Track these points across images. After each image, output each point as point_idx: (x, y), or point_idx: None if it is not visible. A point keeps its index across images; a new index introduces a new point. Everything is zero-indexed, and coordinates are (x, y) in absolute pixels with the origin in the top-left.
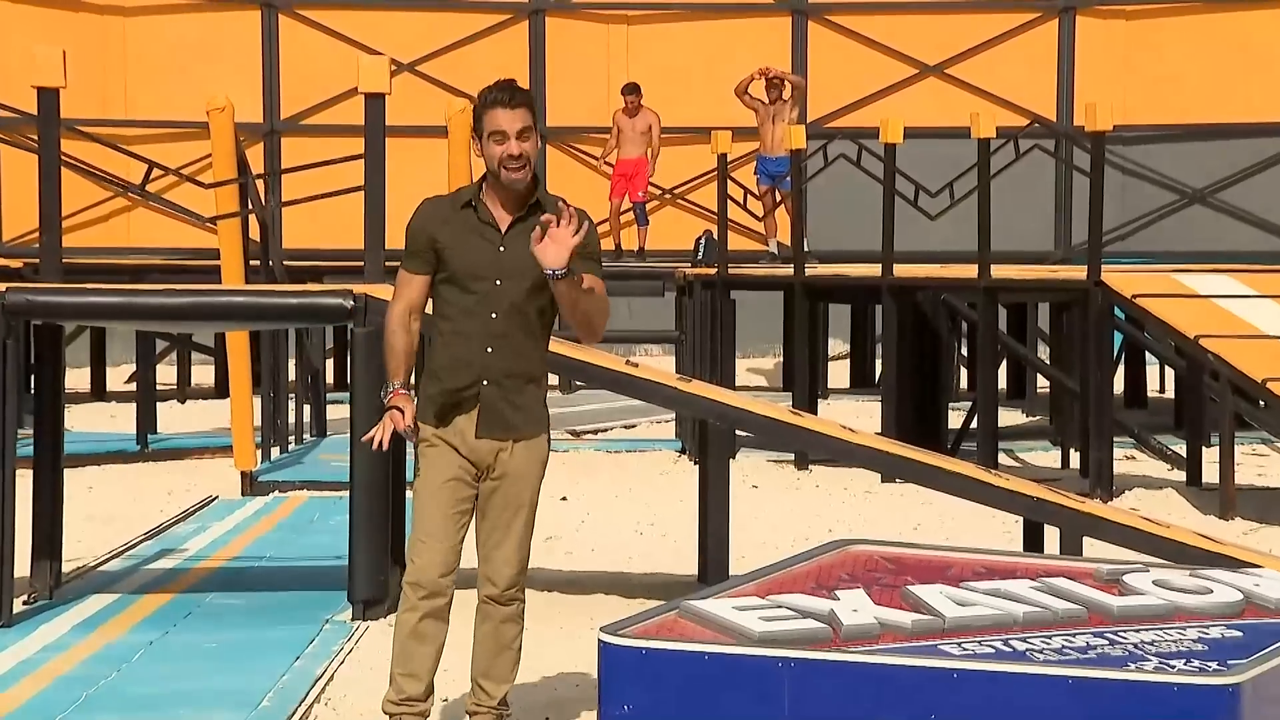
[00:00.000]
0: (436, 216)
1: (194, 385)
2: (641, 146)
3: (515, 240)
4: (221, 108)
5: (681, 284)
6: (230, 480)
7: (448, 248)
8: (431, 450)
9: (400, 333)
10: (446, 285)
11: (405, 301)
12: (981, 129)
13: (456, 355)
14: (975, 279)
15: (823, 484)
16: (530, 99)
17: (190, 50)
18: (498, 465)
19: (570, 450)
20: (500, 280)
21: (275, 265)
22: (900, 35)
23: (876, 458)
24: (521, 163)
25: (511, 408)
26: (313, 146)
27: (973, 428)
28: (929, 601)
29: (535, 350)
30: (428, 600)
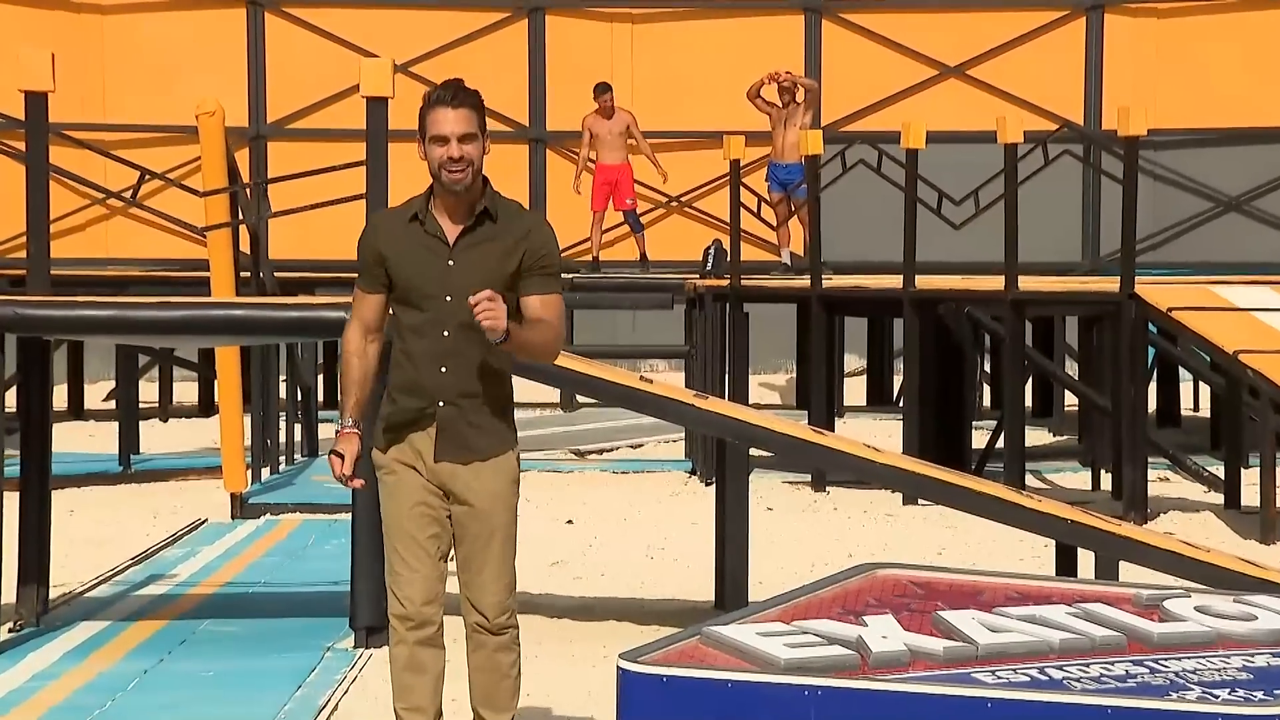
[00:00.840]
0: (384, 231)
1: (176, 403)
2: (622, 150)
3: (464, 253)
4: (212, 112)
5: (691, 296)
6: (219, 502)
7: (395, 264)
8: (391, 478)
9: (354, 360)
10: (398, 304)
11: (360, 322)
12: (1008, 133)
13: (409, 376)
14: (1002, 291)
15: (841, 506)
16: (477, 100)
17: (172, 51)
18: (463, 490)
19: (575, 471)
20: (450, 296)
21: (266, 277)
22: (919, 34)
23: (903, 478)
24: (462, 165)
25: (471, 429)
26: (301, 152)
27: (998, 448)
28: (961, 628)
29: (494, 368)
30: (416, 631)
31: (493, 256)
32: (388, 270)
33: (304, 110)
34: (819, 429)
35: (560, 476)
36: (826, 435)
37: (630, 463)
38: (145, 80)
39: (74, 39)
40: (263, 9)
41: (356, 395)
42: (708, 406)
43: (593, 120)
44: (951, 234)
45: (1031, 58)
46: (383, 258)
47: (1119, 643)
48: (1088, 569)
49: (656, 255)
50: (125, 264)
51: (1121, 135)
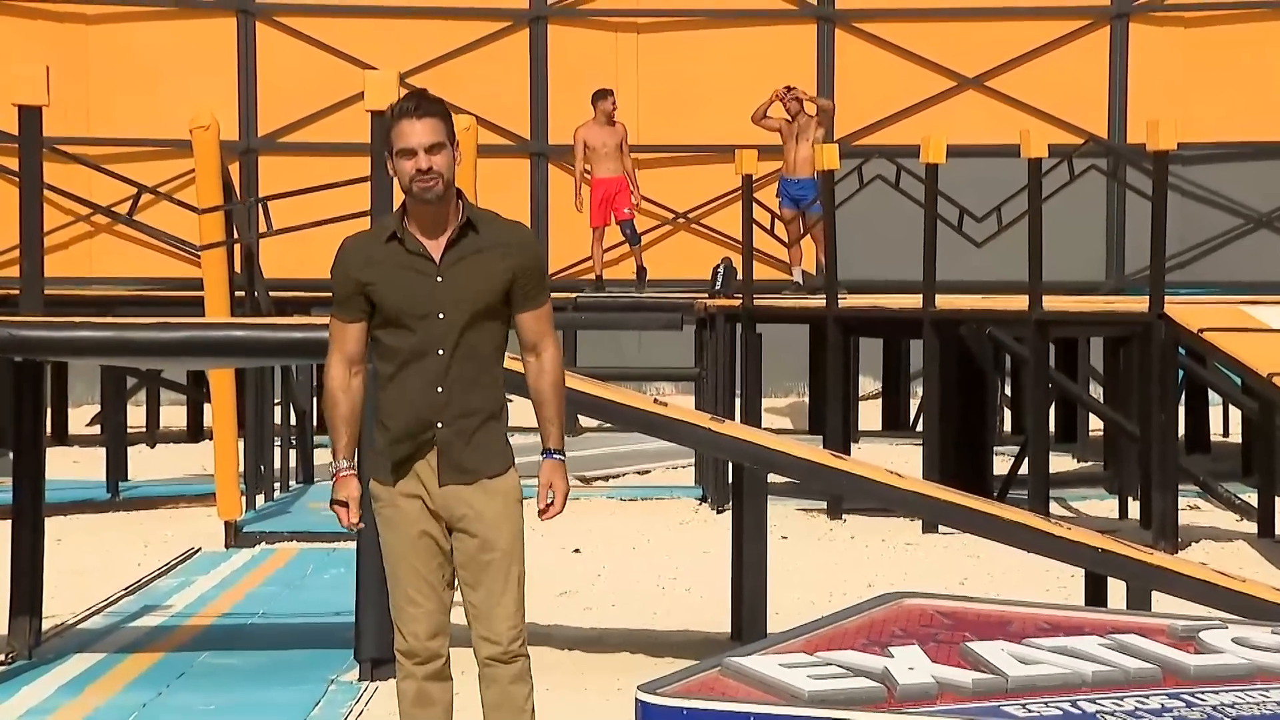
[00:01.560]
0: (360, 256)
1: (164, 428)
2: (618, 162)
3: (452, 268)
4: (206, 125)
5: (702, 316)
6: (212, 531)
7: (378, 288)
8: (390, 510)
9: (340, 397)
10: (384, 329)
11: (342, 355)
12: (1033, 148)
13: (405, 401)
14: (1026, 311)
15: (858, 535)
16: (442, 110)
17: (159, 61)
18: (467, 514)
19: (581, 498)
20: (442, 313)
21: (261, 297)
22: (936, 44)
23: (928, 504)
24: (432, 176)
25: (472, 449)
26: (294, 167)
27: (1021, 474)
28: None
29: (490, 384)
30: (424, 666)
31: (480, 268)
32: (370, 296)
33: (297, 123)
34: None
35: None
36: (848, 460)
37: (638, 489)
38: (132, 92)
39: (58, 49)
40: (254, 18)
41: (348, 434)
42: (725, 430)
43: (587, 131)
44: (972, 252)
45: (1053, 68)
46: (363, 284)
47: (1154, 675)
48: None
49: (663, 274)
50: (110, 283)
51: (1151, 149)
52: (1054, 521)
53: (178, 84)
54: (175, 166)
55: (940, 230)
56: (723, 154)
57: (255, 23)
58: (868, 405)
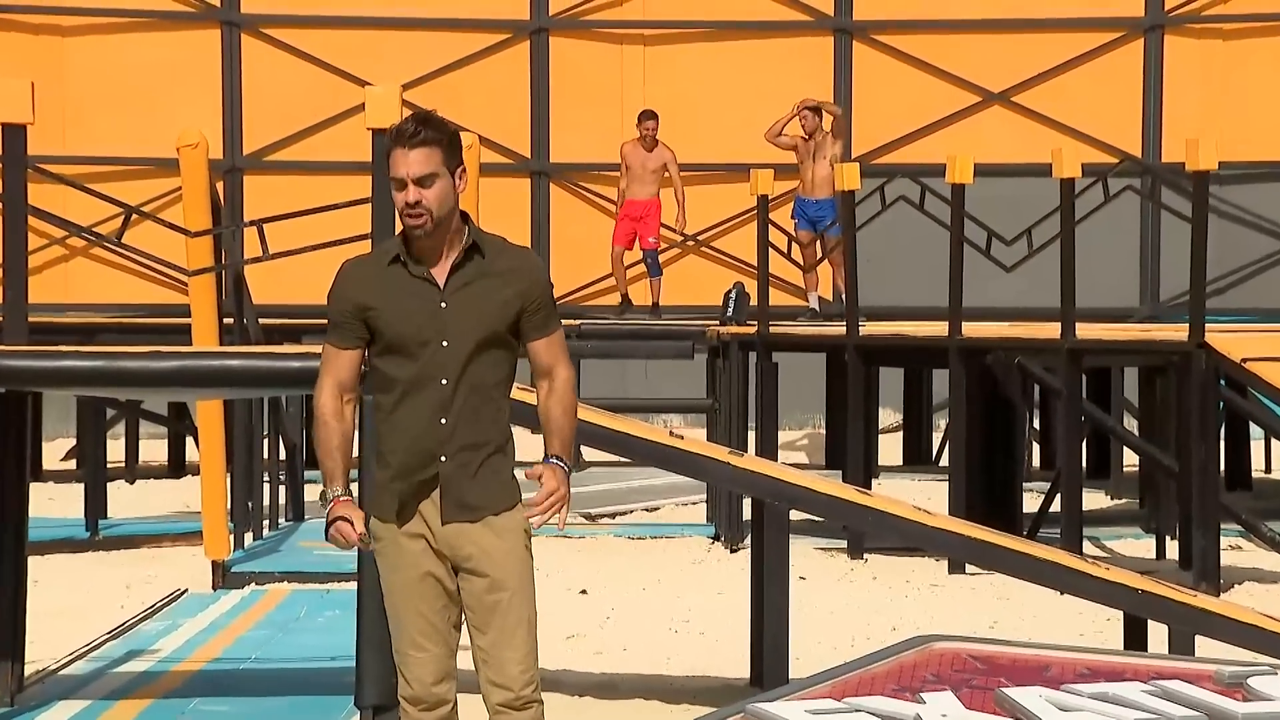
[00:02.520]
0: (361, 280)
1: (143, 462)
2: (654, 186)
3: (457, 293)
4: (194, 144)
5: (714, 344)
6: (198, 571)
7: (380, 313)
8: (391, 550)
9: (333, 424)
10: (385, 357)
11: (334, 382)
12: (1065, 167)
13: (406, 433)
14: (1057, 339)
15: (881, 575)
16: (443, 136)
17: (139, 76)
18: (474, 553)
19: (587, 536)
20: (446, 341)
21: (251, 324)
22: (960, 58)
23: (959, 543)
24: (419, 212)
25: (477, 484)
26: (281, 186)
27: (1052, 511)
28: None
29: (496, 415)
30: (429, 712)
31: (487, 294)
32: (369, 322)
33: (284, 140)
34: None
35: (571, 542)
36: (873, 496)
37: (647, 527)
38: (110, 108)
39: (31, 62)
40: (238, 30)
41: (343, 462)
42: (744, 464)
43: (630, 149)
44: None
45: (1084, 83)
46: (363, 309)
47: None
48: (1158, 643)
49: (673, 300)
50: (89, 310)
51: (1190, 169)
52: (1091, 561)
53: (158, 99)
54: (157, 186)
55: (967, 254)
56: (735, 173)
57: (240, 34)
58: (887, 438)
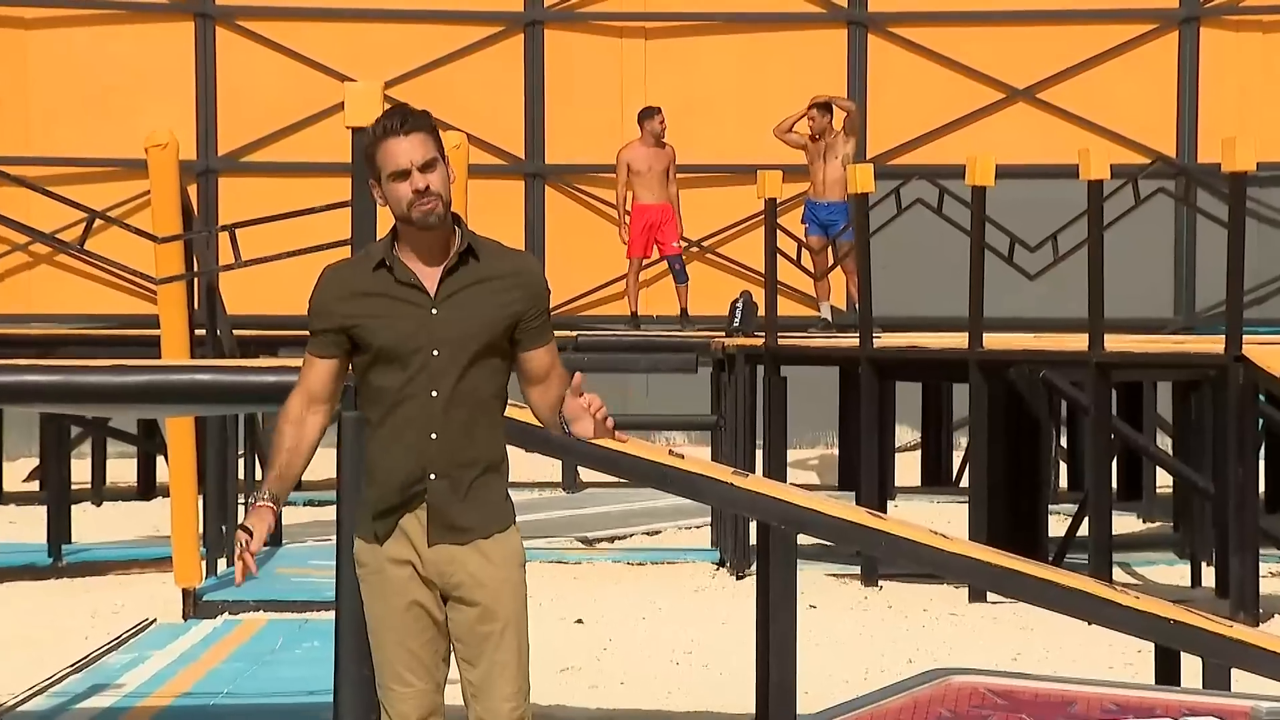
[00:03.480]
0: (344, 286)
1: (111, 483)
2: (664, 188)
3: (449, 299)
4: (164, 144)
5: (719, 357)
6: (168, 599)
7: (364, 323)
8: (375, 577)
9: (287, 428)
10: (372, 369)
11: (304, 390)
12: (1093, 168)
13: (394, 448)
14: (1085, 352)
15: (896, 604)
16: (430, 123)
17: (107, 71)
18: (464, 580)
19: (583, 562)
20: (437, 350)
21: (224, 335)
22: (982, 52)
23: (977, 569)
24: (431, 197)
25: (467, 505)
26: (259, 189)
27: (1080, 535)
28: None
29: (490, 431)
30: None
31: (482, 300)
32: (353, 333)
33: (262, 140)
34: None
35: (566, 568)
36: (886, 520)
37: (647, 552)
38: (76, 106)
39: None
40: (213, 22)
41: (281, 466)
42: (748, 486)
43: (631, 151)
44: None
45: (1115, 79)
46: (345, 317)
47: None
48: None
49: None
50: (52, 321)
51: (1226, 170)
52: (1119, 589)
53: (128, 97)
54: (126, 189)
55: (988, 260)
56: (742, 175)
57: (215, 27)
58: (905, 457)
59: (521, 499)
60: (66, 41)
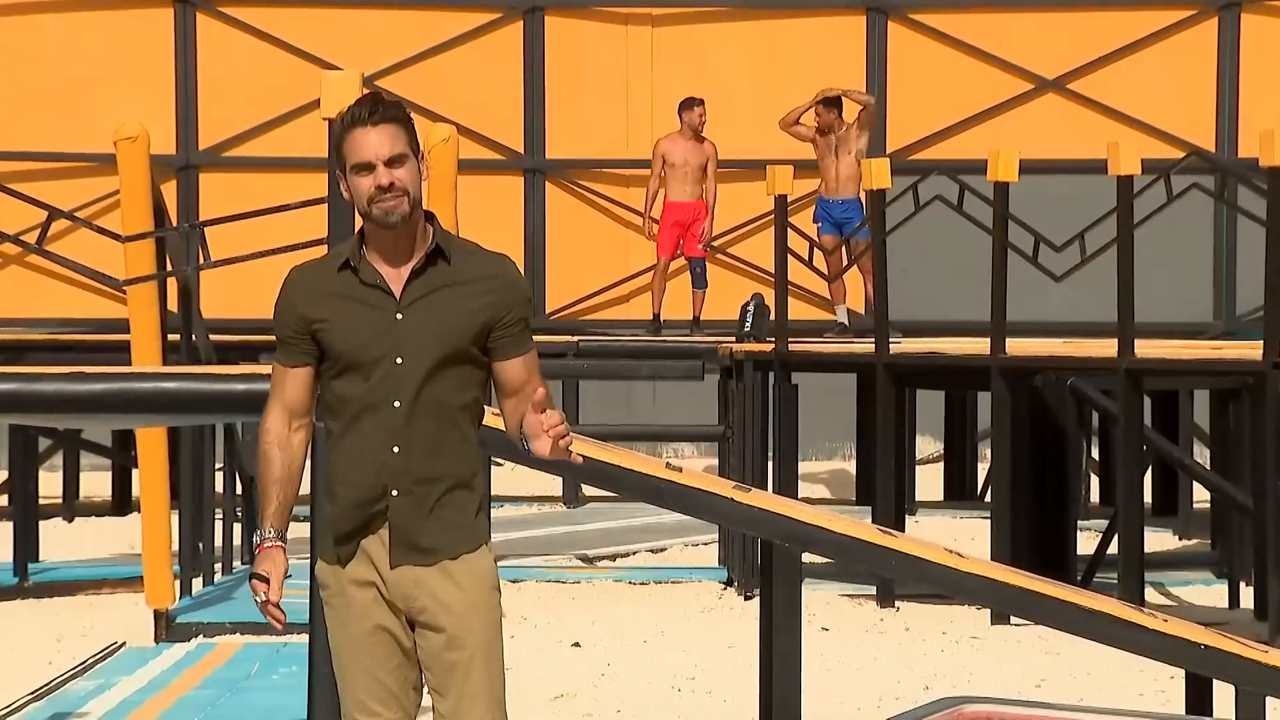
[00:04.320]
0: (307, 288)
1: (85, 498)
2: (699, 185)
3: (415, 303)
4: (133, 137)
5: (727, 364)
6: (140, 622)
7: (327, 326)
8: (338, 600)
9: (275, 453)
10: (336, 377)
11: (281, 406)
12: (1123, 163)
13: (355, 462)
14: (1114, 358)
15: (914, 626)
16: (402, 114)
17: (79, 61)
18: (429, 605)
19: (582, 581)
20: (401, 357)
21: (199, 340)
22: (1009, 40)
23: (994, 590)
24: (396, 193)
25: (432, 523)
26: (241, 185)
27: (1110, 553)
28: None
29: (459, 444)
30: None
31: (450, 305)
32: (317, 336)
33: (245, 134)
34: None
35: (564, 588)
36: (897, 537)
37: (651, 571)
38: (44, 98)
39: None
40: (193, 8)
41: (279, 498)
42: (749, 500)
43: (670, 144)
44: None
45: (1150, 68)
46: (310, 320)
47: None
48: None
49: (682, 313)
50: (21, 325)
51: (1265, 165)
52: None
53: (101, 88)
54: (99, 186)
55: (1012, 261)
56: (755, 170)
57: (195, 13)
58: (928, 470)
59: (520, 514)
60: (34, 28)
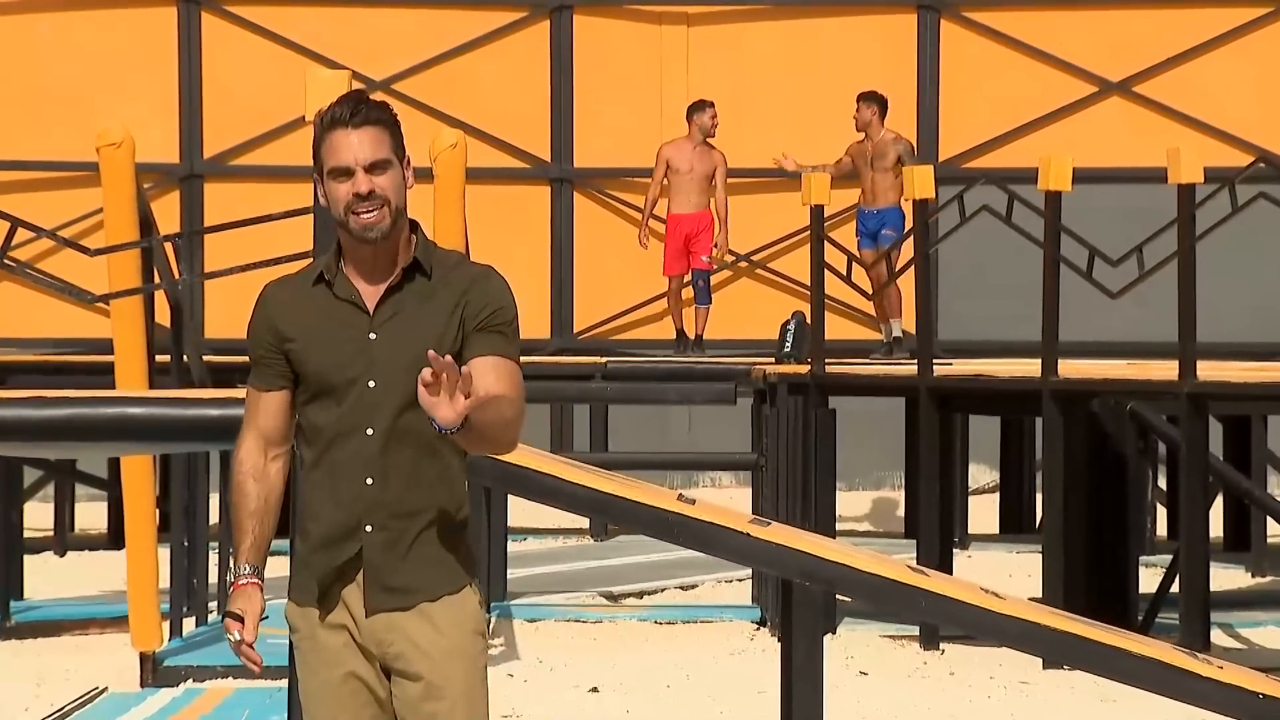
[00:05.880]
0: (281, 303)
1: (80, 530)
2: (704, 196)
3: (390, 321)
4: (116, 143)
5: (760, 386)
6: (125, 664)
7: (299, 346)
8: (307, 644)
9: (249, 484)
10: (311, 402)
11: (256, 433)
12: (1183, 170)
13: (326, 494)
14: (1176, 381)
15: (960, 671)
16: (387, 116)
17: (76, 63)
18: (405, 650)
19: (604, 620)
20: (374, 381)
21: (192, 361)
22: (1071, 39)
23: (1032, 634)
24: (376, 203)
25: (410, 563)
26: (249, 195)
27: (1173, 592)
28: None
29: (441, 475)
30: None
31: (428, 322)
32: (290, 356)
33: (253, 141)
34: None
35: (585, 628)
36: (929, 576)
37: (679, 609)
38: (38, 103)
39: None
40: (199, 7)
41: (255, 532)
42: (767, 536)
43: (674, 149)
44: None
45: (1221, 69)
46: (283, 339)
47: None
48: None
49: (721, 332)
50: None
51: None
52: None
53: (99, 93)
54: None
55: (1065, 276)
56: (794, 180)
57: (200, 13)
58: (982, 501)
59: (544, 548)
60: (26, 29)
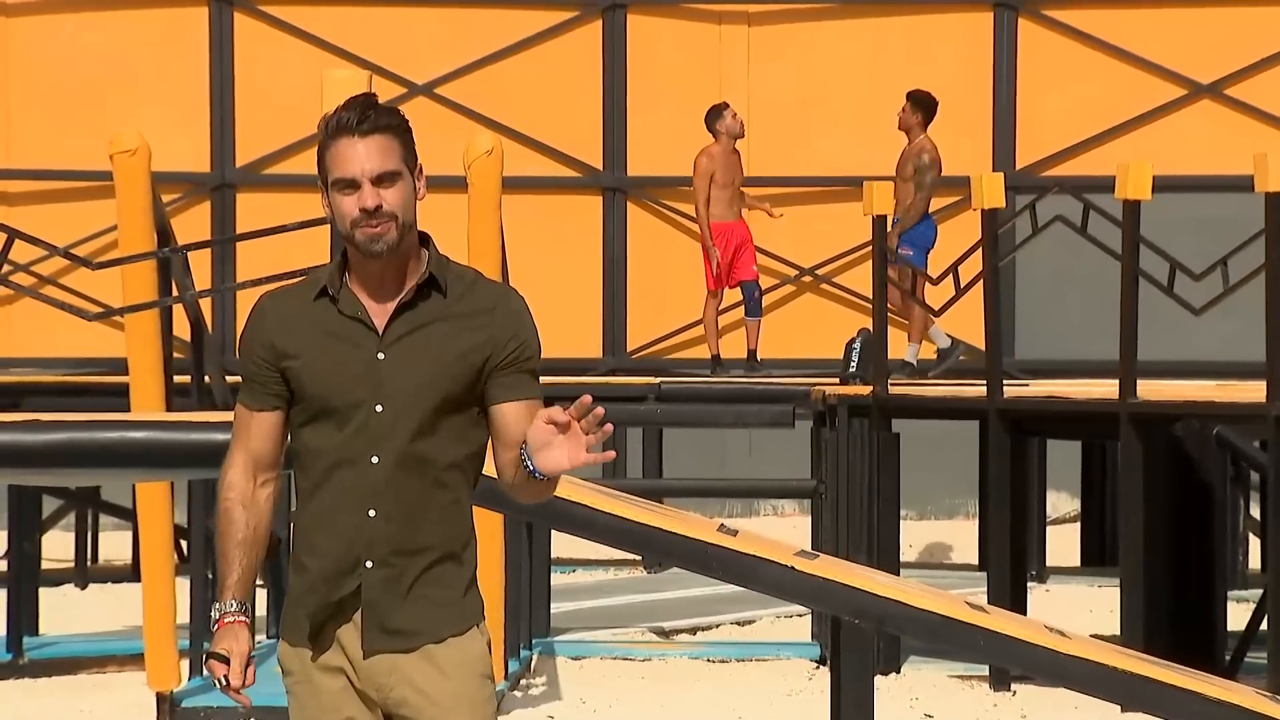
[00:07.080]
0: (279, 319)
1: (104, 561)
2: (740, 202)
3: (400, 341)
4: (131, 150)
5: (820, 408)
6: (142, 703)
7: (298, 364)
8: (301, 687)
9: (236, 512)
10: (308, 425)
11: (246, 456)
12: (1270, 177)
13: (323, 526)
14: (1265, 403)
15: (1032, 713)
16: (397, 122)
17: (102, 67)
18: (407, 695)
19: (653, 658)
20: (380, 405)
21: (214, 381)
22: (1158, 39)
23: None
24: (382, 219)
25: (411, 603)
26: (283, 205)
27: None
28: None
29: (448, 509)
30: None
31: (440, 345)
32: (287, 375)
33: (288, 149)
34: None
35: (633, 666)
36: (989, 613)
37: (734, 646)
38: (63, 108)
39: None
40: (231, 7)
41: (242, 564)
42: (813, 570)
43: (714, 161)
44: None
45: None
46: (280, 356)
47: None
48: None
49: (781, 351)
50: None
51: None
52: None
53: (126, 98)
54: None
55: (1145, 291)
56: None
57: (233, 13)
58: (1063, 531)
59: (593, 580)
60: (53, 30)
